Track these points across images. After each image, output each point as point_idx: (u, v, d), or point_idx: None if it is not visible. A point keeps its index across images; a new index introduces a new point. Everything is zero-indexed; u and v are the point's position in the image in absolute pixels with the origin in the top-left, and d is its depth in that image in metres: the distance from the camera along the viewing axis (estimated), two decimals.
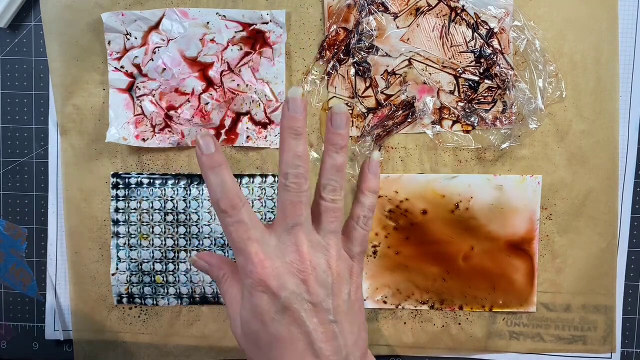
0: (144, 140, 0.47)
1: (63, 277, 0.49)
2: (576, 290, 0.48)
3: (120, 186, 0.47)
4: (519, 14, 0.45)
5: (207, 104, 0.46)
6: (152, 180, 0.47)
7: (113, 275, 0.48)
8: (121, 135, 0.46)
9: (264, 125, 0.47)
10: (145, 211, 0.47)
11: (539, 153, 0.47)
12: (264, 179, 0.47)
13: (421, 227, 0.47)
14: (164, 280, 0.48)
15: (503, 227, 0.47)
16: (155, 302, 0.48)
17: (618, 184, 0.47)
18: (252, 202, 0.47)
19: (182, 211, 0.47)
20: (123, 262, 0.48)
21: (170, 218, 0.47)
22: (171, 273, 0.48)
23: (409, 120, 0.47)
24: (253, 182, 0.47)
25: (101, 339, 0.49)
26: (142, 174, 0.47)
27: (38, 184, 0.49)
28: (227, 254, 0.48)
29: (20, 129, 0.48)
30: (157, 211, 0.47)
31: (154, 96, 0.47)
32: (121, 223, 0.48)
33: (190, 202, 0.47)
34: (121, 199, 0.47)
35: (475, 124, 0.47)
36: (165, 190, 0.47)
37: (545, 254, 0.48)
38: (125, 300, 0.48)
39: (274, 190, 0.47)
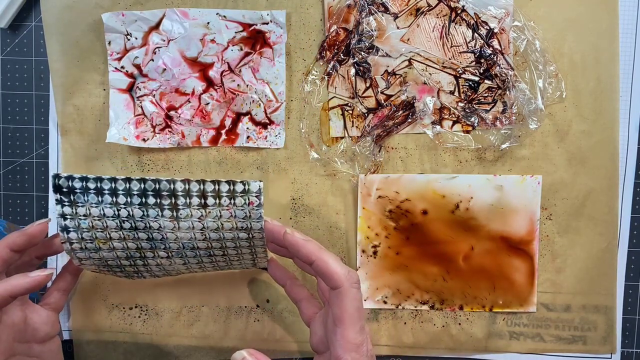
0: (144, 140, 0.47)
1: None
2: (576, 290, 0.48)
3: (64, 190, 0.37)
4: (519, 14, 0.45)
5: (207, 104, 0.46)
6: (99, 185, 0.37)
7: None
8: (121, 136, 0.46)
9: (264, 125, 0.47)
10: (96, 218, 0.38)
11: (539, 153, 0.47)
12: (232, 186, 0.38)
13: (421, 227, 0.47)
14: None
15: (503, 227, 0.47)
16: None
17: (618, 184, 0.47)
18: (220, 212, 0.38)
19: (140, 219, 0.38)
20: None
21: (127, 225, 0.38)
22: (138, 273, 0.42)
23: (409, 120, 0.47)
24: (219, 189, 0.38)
25: (101, 339, 0.49)
26: (86, 177, 0.37)
27: (38, 184, 0.49)
28: (198, 254, 0.40)
29: (20, 129, 0.48)
30: (111, 219, 0.38)
31: (154, 96, 0.47)
32: (71, 229, 0.38)
33: (147, 210, 0.38)
34: (66, 203, 0.37)
35: (475, 124, 0.47)
36: (115, 197, 0.37)
37: (545, 254, 0.48)
38: None
39: (244, 200, 0.38)
